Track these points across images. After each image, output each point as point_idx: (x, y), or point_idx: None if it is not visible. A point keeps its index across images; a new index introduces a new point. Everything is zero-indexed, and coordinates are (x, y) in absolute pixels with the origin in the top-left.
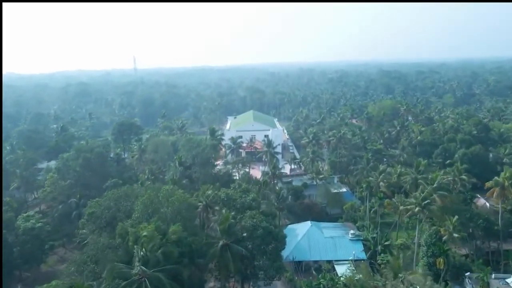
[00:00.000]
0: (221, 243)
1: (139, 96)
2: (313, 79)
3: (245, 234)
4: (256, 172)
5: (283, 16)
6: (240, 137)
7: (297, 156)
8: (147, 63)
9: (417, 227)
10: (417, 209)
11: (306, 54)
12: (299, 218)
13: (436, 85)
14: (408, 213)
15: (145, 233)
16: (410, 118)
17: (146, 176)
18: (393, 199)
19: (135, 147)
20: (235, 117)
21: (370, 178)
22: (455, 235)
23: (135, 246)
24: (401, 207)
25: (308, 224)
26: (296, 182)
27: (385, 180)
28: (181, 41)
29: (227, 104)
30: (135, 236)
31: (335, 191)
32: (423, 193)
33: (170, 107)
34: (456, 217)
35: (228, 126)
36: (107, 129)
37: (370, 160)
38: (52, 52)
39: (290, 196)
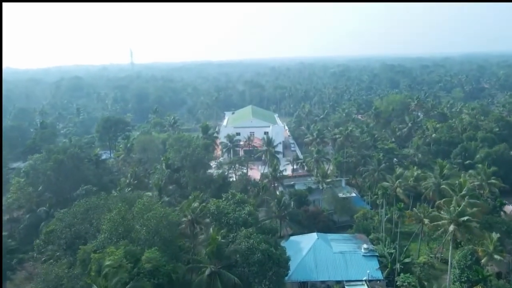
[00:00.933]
0: (208, 270)
1: (133, 90)
2: (314, 73)
3: (238, 256)
4: (255, 173)
5: (283, 12)
6: (238, 134)
7: (299, 155)
8: (146, 58)
9: (450, 249)
10: (452, 227)
11: (306, 49)
12: (303, 227)
13: (444, 79)
14: (440, 231)
15: (108, 262)
16: (420, 114)
17: (127, 181)
18: (415, 209)
19: (121, 146)
20: (233, 113)
21: (385, 183)
22: (497, 257)
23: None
24: (426, 221)
25: (314, 236)
26: (299, 186)
27: (403, 185)
28: (181, 36)
29: (225, 99)
30: (98, 264)
31: (343, 196)
32: (459, 206)
33: (165, 102)
34: (498, 235)
35: (225, 122)
36: None
37: (382, 161)
38: (50, 47)
39: (292, 202)
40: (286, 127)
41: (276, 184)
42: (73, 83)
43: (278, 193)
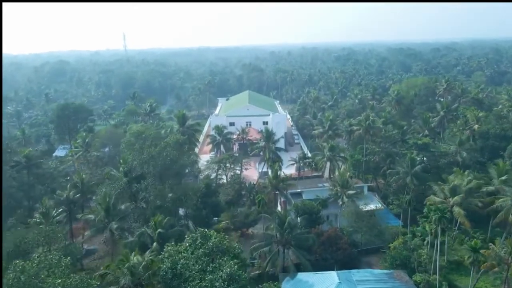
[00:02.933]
0: None
1: (119, 75)
2: (317, 57)
3: None
4: (252, 173)
5: None
6: (232, 124)
7: (305, 150)
8: (142, 43)
9: None
10: None
11: (307, 35)
12: (314, 255)
13: (461, 62)
14: None
15: None
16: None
17: (64, 195)
18: (493, 246)
19: (79, 140)
20: (227, 99)
21: (435, 198)
22: None
23: None
24: None
25: (333, 278)
26: (308, 195)
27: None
28: (178, 21)
29: (221, 84)
30: None
31: (367, 208)
32: None
33: (154, 88)
34: None
35: (217, 110)
36: None
37: (416, 161)
38: (46, 33)
39: (299, 219)
40: (289, 116)
41: (276, 192)
42: (56, 67)
43: (280, 205)
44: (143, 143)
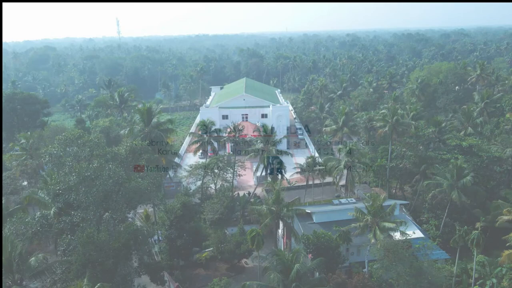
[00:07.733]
0: None
1: (105, 62)
2: (320, 43)
3: None
4: (247, 178)
5: None
6: (225, 117)
7: (312, 149)
8: (141, 32)
9: None
10: None
11: (308, 23)
12: None
13: (479, 48)
14: None
15: None
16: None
17: None
18: None
19: (22, 141)
20: (221, 88)
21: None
22: None
23: None
24: None
25: None
26: (321, 217)
27: None
28: (175, 8)
29: (216, 72)
30: None
31: (404, 237)
32: None
33: (143, 75)
34: None
35: (209, 101)
36: (58, 102)
37: (464, 170)
38: (43, 20)
39: (310, 255)
40: (291, 107)
41: (281, 215)
42: (39, 53)
43: (282, 236)
44: (78, 155)
